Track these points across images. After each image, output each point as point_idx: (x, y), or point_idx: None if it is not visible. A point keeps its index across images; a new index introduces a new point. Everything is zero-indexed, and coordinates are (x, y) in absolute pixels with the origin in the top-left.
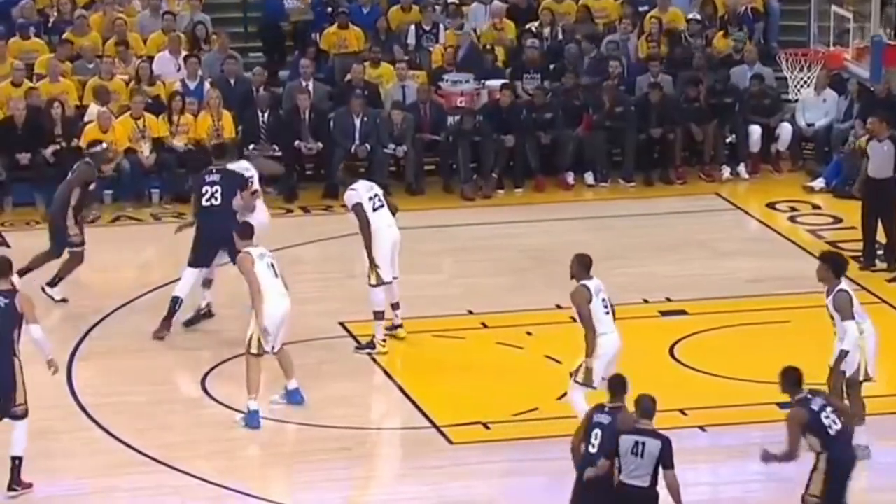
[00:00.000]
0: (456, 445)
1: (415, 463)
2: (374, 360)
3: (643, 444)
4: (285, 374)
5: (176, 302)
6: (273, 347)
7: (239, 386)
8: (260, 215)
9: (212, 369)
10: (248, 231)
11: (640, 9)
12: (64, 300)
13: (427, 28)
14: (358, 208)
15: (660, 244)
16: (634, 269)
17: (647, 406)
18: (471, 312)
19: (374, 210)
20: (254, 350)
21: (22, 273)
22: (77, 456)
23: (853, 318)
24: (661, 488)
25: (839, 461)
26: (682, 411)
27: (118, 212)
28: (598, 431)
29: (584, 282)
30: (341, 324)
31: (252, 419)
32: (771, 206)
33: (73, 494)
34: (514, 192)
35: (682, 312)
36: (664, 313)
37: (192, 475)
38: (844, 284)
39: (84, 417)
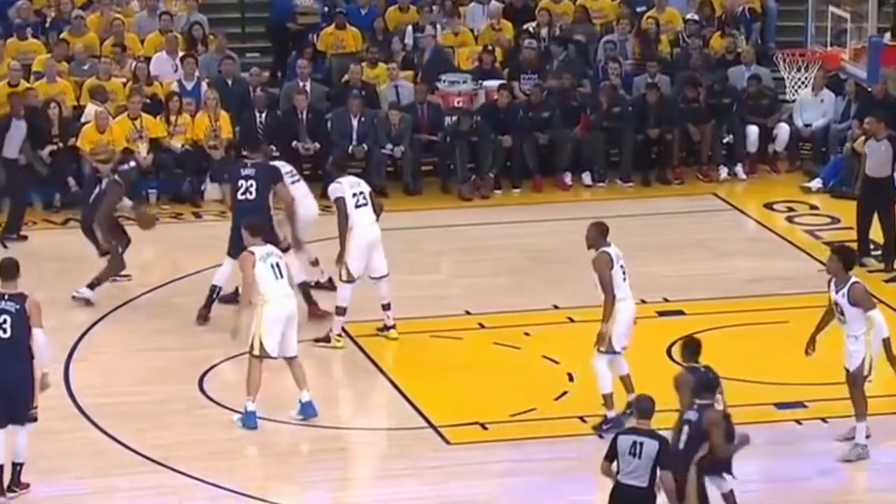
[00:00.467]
0: (453, 445)
1: (412, 463)
2: (372, 360)
3: (641, 444)
4: (297, 385)
5: (214, 290)
6: (274, 351)
7: (236, 387)
8: (307, 207)
9: (209, 370)
10: (256, 228)
11: (638, 9)
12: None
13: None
14: (339, 202)
15: (657, 244)
16: (632, 269)
17: (645, 406)
18: (468, 313)
19: (357, 207)
20: (255, 352)
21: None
22: (75, 456)
23: (875, 306)
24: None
25: None
26: (679, 412)
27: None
28: (685, 428)
29: (604, 248)
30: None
31: (249, 419)
32: (768, 206)
33: (71, 495)
34: (511, 192)
35: (680, 313)
36: (662, 313)
37: (191, 476)
38: (856, 277)
39: (82, 418)
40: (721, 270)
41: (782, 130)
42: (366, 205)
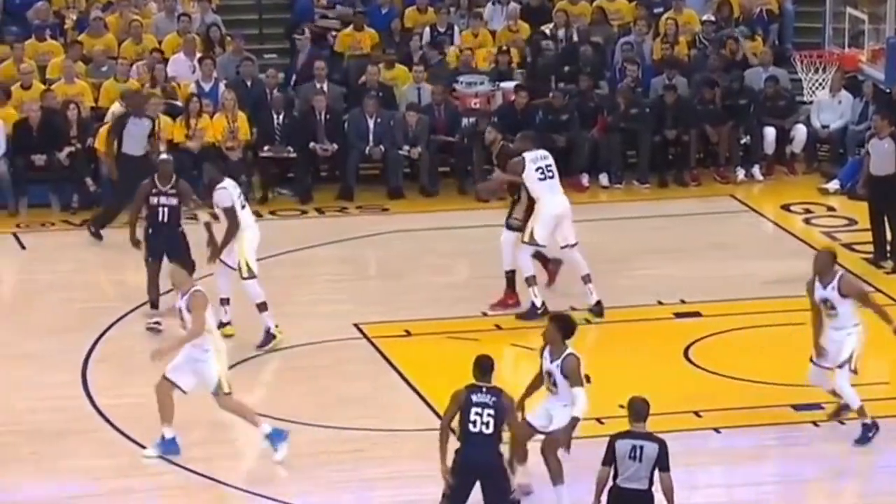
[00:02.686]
0: None
1: (428, 464)
2: (389, 361)
3: (641, 447)
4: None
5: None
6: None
7: (251, 389)
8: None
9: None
10: (192, 268)
11: (655, 10)
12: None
13: (442, 30)
14: (230, 212)
15: (674, 246)
16: (649, 270)
17: (640, 409)
18: (485, 314)
19: (242, 208)
20: (227, 390)
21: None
22: (91, 457)
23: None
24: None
25: (466, 459)
26: (696, 413)
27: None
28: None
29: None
30: (355, 325)
31: (169, 446)
32: (785, 207)
33: (87, 495)
34: None
35: (697, 314)
36: (679, 315)
37: (207, 476)
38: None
39: (99, 418)
40: (738, 272)
41: (799, 132)
42: (552, 177)
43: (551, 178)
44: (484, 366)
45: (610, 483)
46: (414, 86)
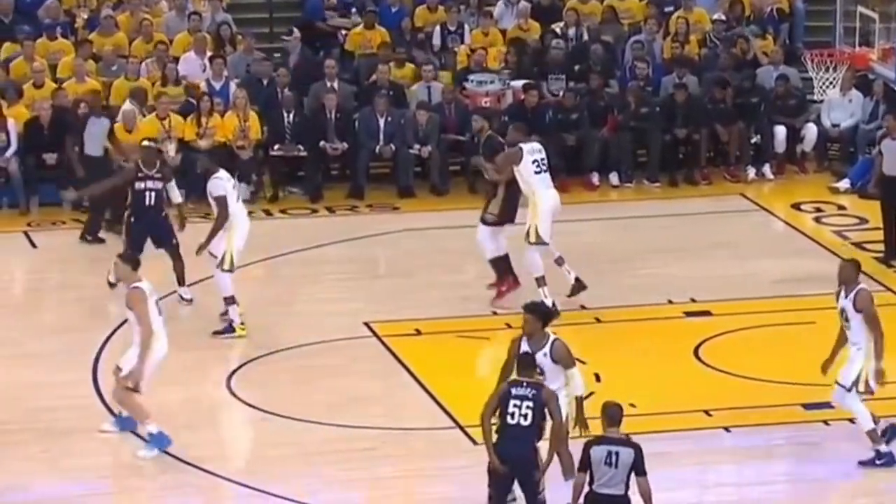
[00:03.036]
0: (480, 446)
1: (439, 463)
2: (399, 360)
3: (616, 453)
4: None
5: None
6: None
7: (264, 386)
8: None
9: (237, 369)
10: (137, 262)
11: (666, 9)
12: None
13: (452, 28)
14: (222, 201)
15: (685, 245)
16: (659, 269)
17: (614, 414)
18: (495, 313)
19: (235, 201)
20: (131, 384)
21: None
22: (102, 455)
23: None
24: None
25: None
26: (706, 412)
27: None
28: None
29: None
30: (366, 324)
31: (159, 441)
32: (796, 206)
33: (97, 494)
34: None
35: (707, 313)
36: (689, 314)
37: (217, 475)
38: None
39: (109, 417)
40: (748, 271)
41: (810, 131)
42: (546, 171)
43: (545, 171)
44: (525, 362)
45: (587, 489)
46: (424, 84)
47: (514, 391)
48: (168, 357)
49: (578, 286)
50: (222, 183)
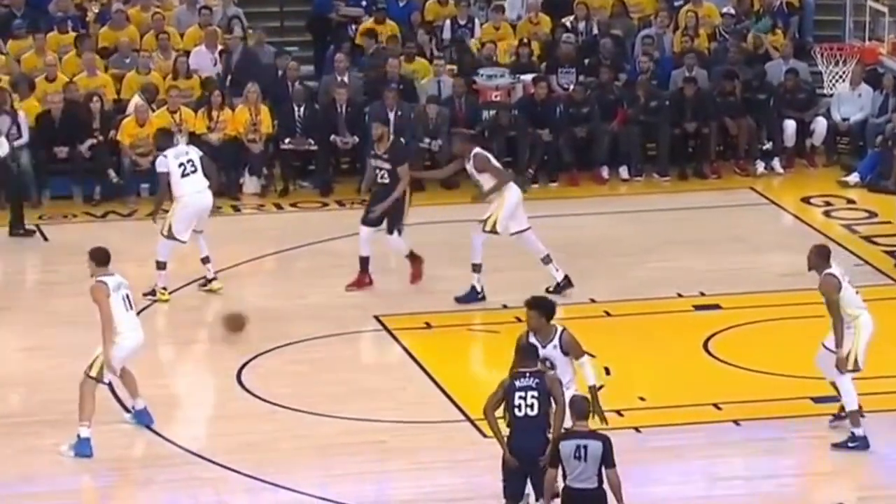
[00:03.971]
0: (490, 438)
1: (449, 456)
2: (409, 353)
3: (585, 446)
4: (132, 395)
5: None
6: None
7: (274, 378)
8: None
9: (247, 362)
10: (104, 257)
11: (675, 3)
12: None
13: (462, 22)
14: (164, 177)
15: (694, 238)
16: (668, 263)
17: (581, 408)
18: (505, 307)
19: (184, 176)
20: (93, 374)
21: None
22: (111, 448)
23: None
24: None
25: (514, 445)
26: (716, 405)
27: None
28: None
29: (828, 271)
30: (376, 317)
31: (83, 447)
32: (805, 200)
33: (107, 486)
34: (548, 186)
35: (717, 307)
36: (698, 307)
37: (227, 467)
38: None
39: (120, 410)
40: (758, 264)
41: (820, 124)
42: (195, 172)
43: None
44: (527, 351)
45: (561, 484)
46: (434, 78)
47: (517, 383)
48: (175, 350)
49: (566, 283)
50: (165, 161)
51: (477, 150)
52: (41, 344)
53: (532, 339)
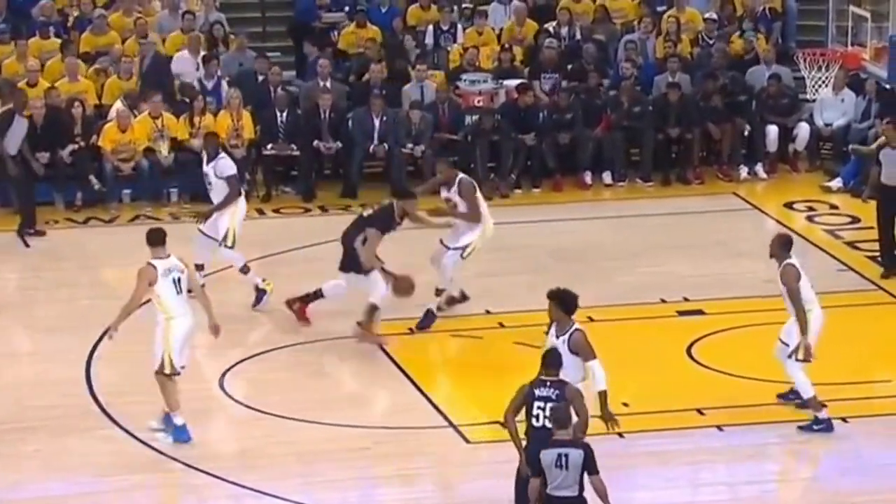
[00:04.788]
0: (473, 444)
1: (432, 462)
2: (392, 359)
3: (566, 455)
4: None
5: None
6: (183, 367)
7: (258, 385)
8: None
9: (230, 368)
10: (157, 238)
11: (658, 8)
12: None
13: (445, 28)
14: (234, 179)
15: (677, 244)
16: (652, 268)
17: (562, 416)
18: (488, 312)
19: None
20: (167, 370)
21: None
22: (96, 454)
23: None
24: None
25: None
26: (699, 411)
27: (137, 211)
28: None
29: (788, 260)
30: (359, 323)
31: (181, 433)
32: (788, 205)
33: (91, 493)
34: (531, 191)
35: (700, 312)
36: (682, 313)
37: (211, 474)
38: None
39: (103, 416)
40: (741, 270)
41: (802, 130)
42: None
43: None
44: (550, 359)
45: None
46: (417, 84)
47: (537, 392)
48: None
49: (462, 298)
50: (230, 162)
51: (462, 176)
52: (24, 350)
53: (553, 330)
